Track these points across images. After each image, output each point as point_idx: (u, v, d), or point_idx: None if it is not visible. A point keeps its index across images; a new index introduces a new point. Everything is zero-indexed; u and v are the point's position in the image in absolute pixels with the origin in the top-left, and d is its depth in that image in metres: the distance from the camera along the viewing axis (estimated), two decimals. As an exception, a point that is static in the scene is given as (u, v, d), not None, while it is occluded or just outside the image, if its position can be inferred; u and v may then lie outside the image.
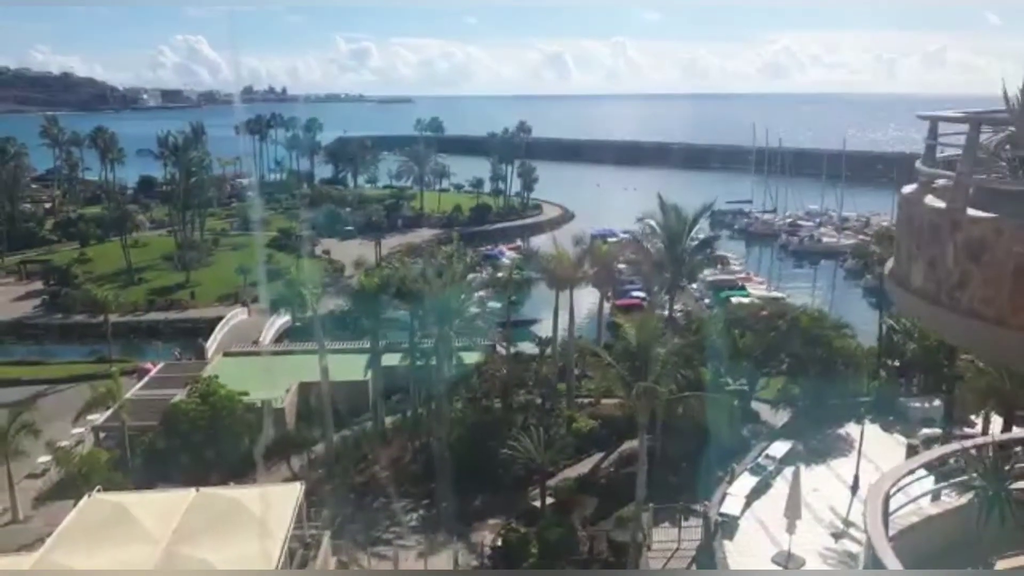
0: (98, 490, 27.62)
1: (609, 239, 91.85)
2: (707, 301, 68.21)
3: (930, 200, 8.49)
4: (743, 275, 76.97)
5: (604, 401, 41.50)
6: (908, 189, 9.16)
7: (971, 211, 7.69)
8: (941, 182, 8.56)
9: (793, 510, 28.74)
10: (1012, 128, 8.19)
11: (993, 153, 8.30)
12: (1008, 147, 8.33)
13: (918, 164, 9.02)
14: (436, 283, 36.95)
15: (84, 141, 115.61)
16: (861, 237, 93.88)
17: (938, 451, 13.99)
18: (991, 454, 12.60)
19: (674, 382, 29.28)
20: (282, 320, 59.46)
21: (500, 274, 58.49)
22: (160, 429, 36.96)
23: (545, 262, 42.64)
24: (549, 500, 34.31)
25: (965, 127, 8.15)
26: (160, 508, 25.29)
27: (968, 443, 13.85)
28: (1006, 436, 14.58)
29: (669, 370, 26.40)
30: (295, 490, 27.41)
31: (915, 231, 8.55)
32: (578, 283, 42.11)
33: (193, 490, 26.80)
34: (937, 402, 40.14)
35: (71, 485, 34.92)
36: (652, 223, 40.52)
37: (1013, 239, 7.12)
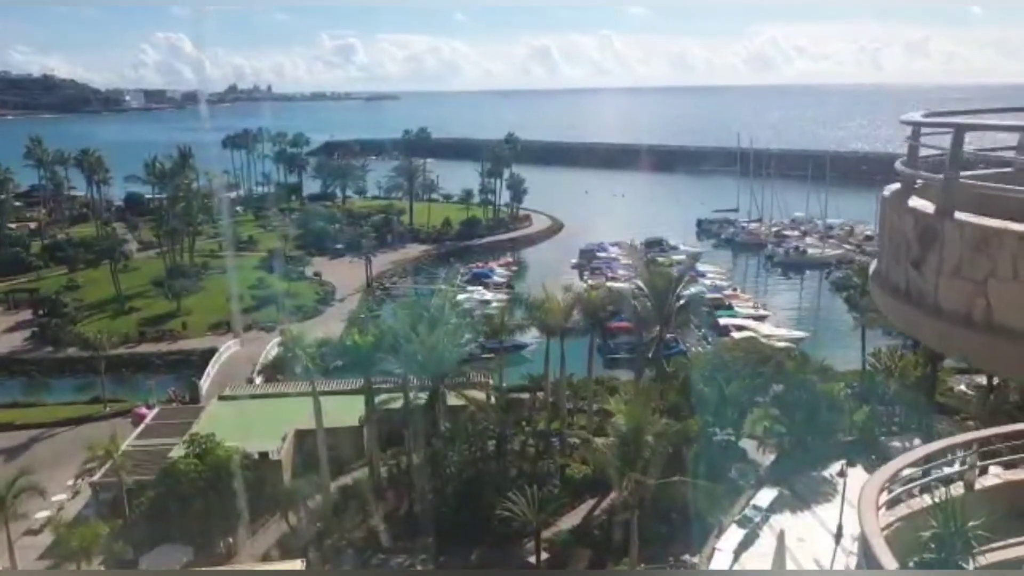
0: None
1: (599, 254, 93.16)
2: (695, 320, 69.09)
3: (914, 202, 7.86)
4: (729, 291, 77.86)
5: (596, 439, 42.13)
6: (890, 190, 8.60)
7: (959, 214, 7.03)
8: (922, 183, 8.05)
9: (779, 570, 29.79)
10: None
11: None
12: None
13: (898, 165, 8.54)
14: (429, 339, 37.51)
15: (69, 159, 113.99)
16: (846, 247, 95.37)
17: (924, 449, 13.65)
18: (975, 449, 13.00)
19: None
20: (274, 352, 60.00)
21: (492, 304, 59.27)
22: (159, 488, 37.38)
23: (536, 311, 43.27)
24: (544, 555, 35.10)
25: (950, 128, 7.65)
26: (164, 593, 25.83)
27: (954, 440, 14.34)
28: (989, 432, 14.92)
29: (659, 457, 27.15)
30: (296, 568, 28.01)
31: (899, 234, 7.92)
32: (568, 334, 42.79)
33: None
34: (917, 440, 41.23)
35: (70, 550, 35.37)
36: (639, 283, 41.26)
37: (1003, 242, 6.54)
